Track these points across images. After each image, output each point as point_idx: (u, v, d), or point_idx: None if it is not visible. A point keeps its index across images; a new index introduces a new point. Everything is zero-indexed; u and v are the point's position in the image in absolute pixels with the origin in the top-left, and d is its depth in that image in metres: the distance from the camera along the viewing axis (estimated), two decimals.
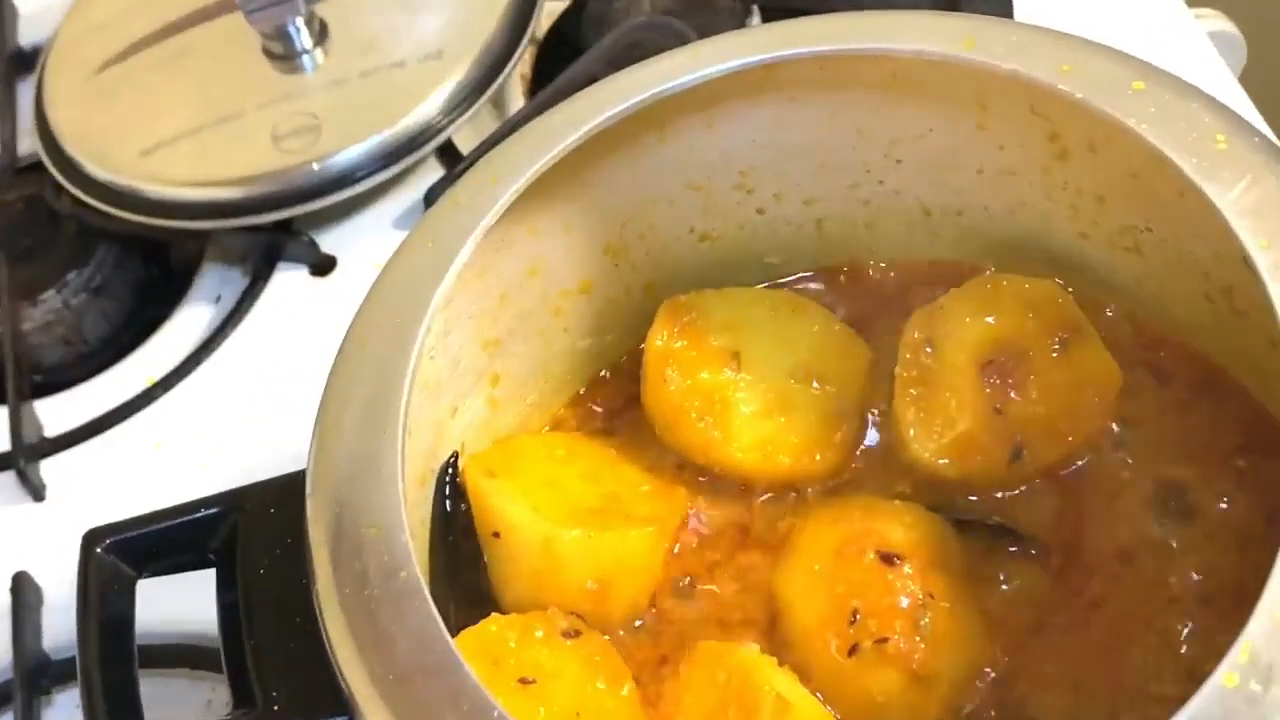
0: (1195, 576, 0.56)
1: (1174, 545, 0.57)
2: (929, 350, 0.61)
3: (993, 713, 0.55)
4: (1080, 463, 0.60)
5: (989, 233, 0.66)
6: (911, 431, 0.60)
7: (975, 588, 0.58)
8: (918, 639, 0.55)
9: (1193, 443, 0.60)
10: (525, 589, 0.59)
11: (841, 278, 0.69)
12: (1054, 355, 0.60)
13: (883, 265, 0.69)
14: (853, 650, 0.55)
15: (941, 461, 0.60)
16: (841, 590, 0.56)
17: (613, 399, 0.68)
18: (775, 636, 0.58)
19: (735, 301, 0.65)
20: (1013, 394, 0.59)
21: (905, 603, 0.55)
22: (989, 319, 0.61)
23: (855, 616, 0.55)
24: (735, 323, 0.64)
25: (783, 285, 0.69)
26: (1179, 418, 0.61)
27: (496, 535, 0.59)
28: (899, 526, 0.58)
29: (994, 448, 0.59)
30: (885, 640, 0.54)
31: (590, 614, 0.58)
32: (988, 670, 0.56)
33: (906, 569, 0.56)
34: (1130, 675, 0.55)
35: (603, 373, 0.69)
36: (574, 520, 0.58)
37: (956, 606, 0.56)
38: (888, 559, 0.56)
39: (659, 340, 0.63)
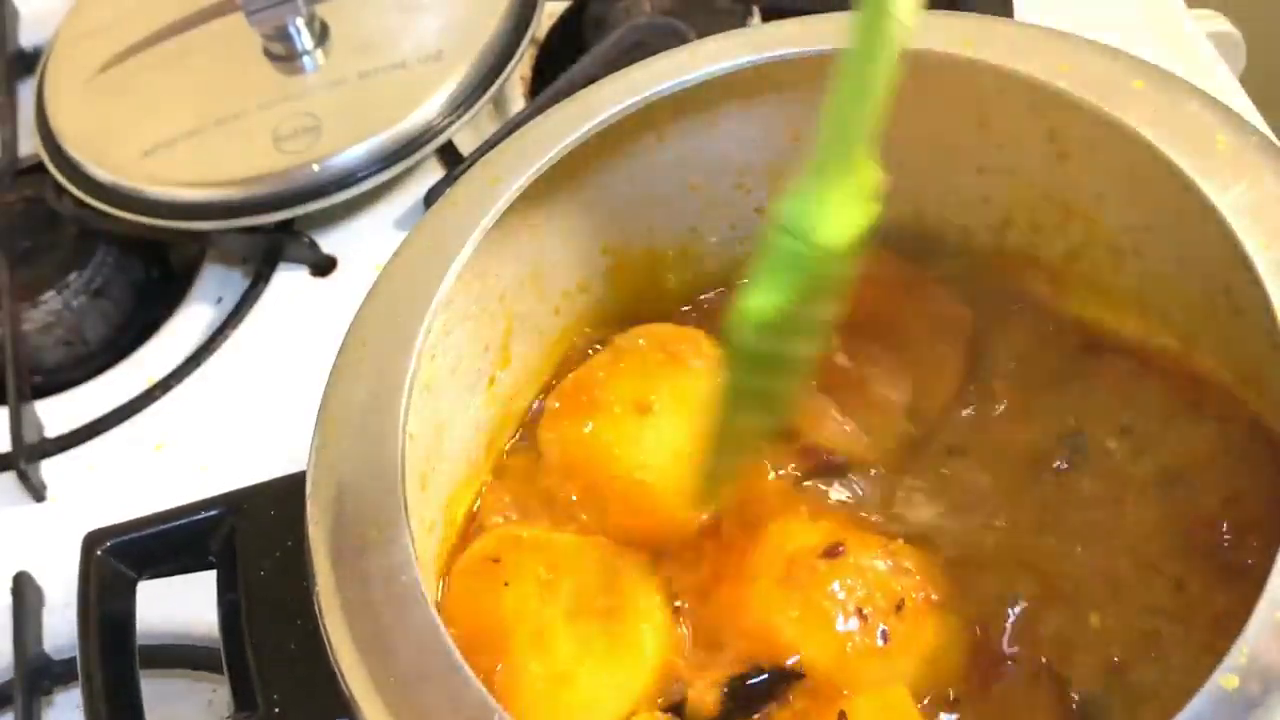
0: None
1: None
2: None
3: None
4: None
5: (988, 233, 0.66)
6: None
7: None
8: (919, 579, 0.56)
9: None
10: None
11: None
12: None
13: (882, 265, 0.69)
14: (885, 637, 0.55)
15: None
16: (830, 605, 0.55)
17: None
18: (800, 695, 0.56)
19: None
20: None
21: (882, 564, 0.56)
22: None
23: (861, 612, 0.55)
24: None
25: None
26: None
27: None
28: (806, 526, 0.58)
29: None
30: (900, 606, 0.55)
31: None
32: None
33: (850, 543, 0.57)
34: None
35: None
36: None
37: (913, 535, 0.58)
38: (832, 553, 0.56)
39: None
